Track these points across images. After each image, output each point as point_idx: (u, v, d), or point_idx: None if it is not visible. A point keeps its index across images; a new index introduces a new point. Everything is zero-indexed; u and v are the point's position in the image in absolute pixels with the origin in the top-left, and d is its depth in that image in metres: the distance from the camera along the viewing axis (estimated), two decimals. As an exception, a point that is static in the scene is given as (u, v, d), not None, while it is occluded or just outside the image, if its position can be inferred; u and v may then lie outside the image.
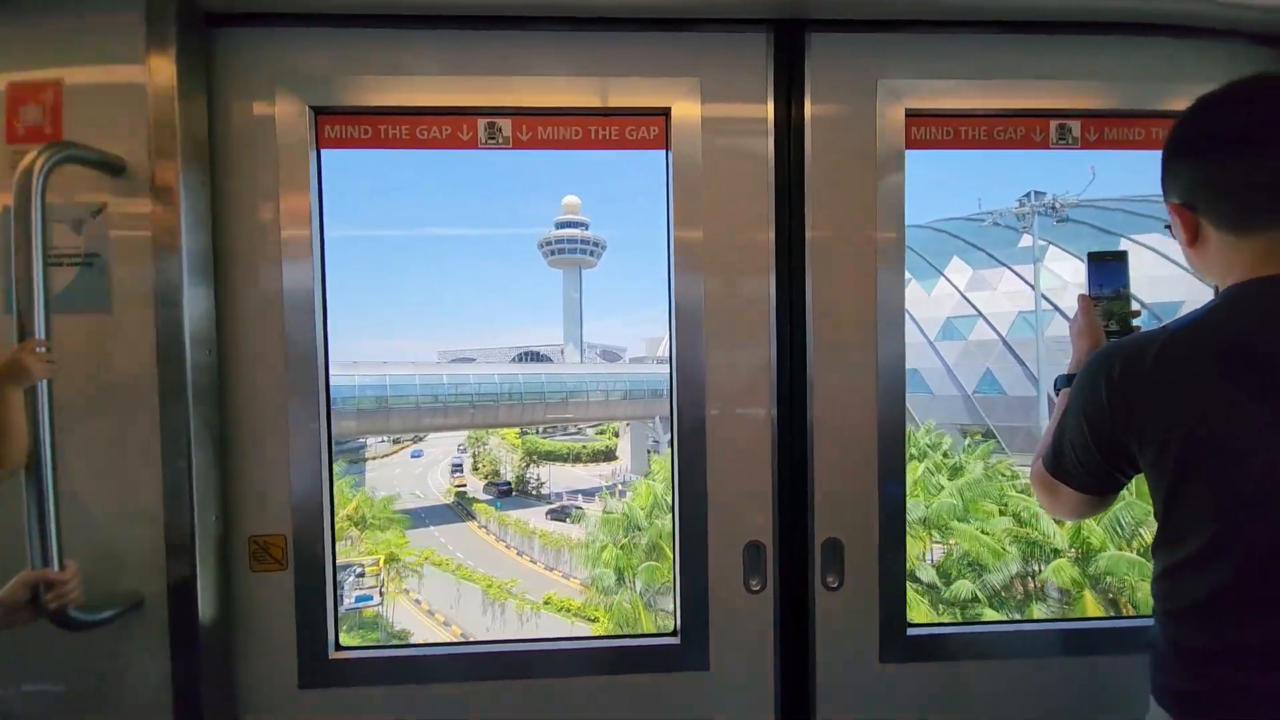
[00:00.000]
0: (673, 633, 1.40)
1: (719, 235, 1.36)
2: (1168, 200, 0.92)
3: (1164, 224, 0.97)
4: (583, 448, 28.74)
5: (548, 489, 25.30)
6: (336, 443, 1.43)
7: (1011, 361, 17.79)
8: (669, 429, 1.42)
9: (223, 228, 1.30)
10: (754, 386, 1.38)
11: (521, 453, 27.50)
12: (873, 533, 1.38)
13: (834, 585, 1.37)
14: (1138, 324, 1.10)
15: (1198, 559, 0.82)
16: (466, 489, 25.47)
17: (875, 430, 1.37)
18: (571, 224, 40.05)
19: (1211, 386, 0.78)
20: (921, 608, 10.41)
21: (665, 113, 1.36)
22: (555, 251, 40.18)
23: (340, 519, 1.43)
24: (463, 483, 26.11)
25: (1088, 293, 1.11)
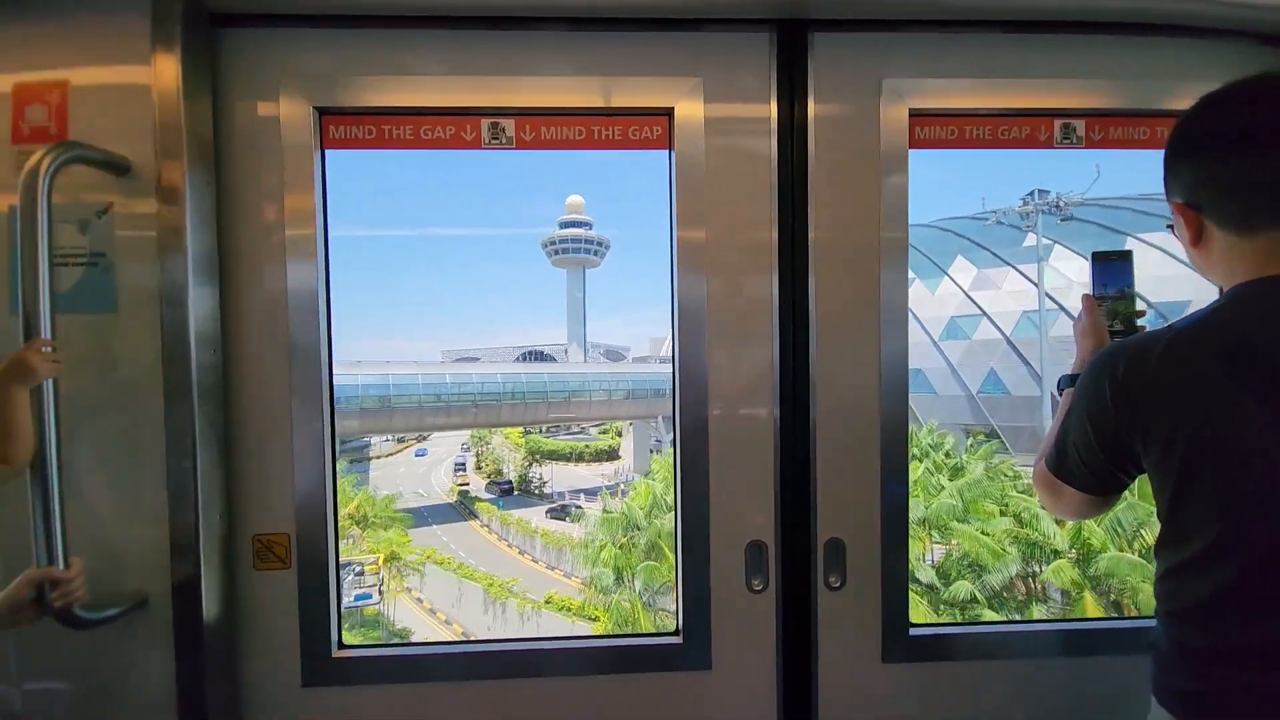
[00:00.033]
0: (675, 632, 1.41)
1: (722, 235, 1.36)
2: (1171, 200, 0.91)
3: (1167, 223, 0.97)
4: (585, 447, 28.76)
5: (550, 488, 25.33)
6: (341, 441, 1.43)
7: (1016, 361, 17.74)
8: (671, 429, 1.42)
9: (227, 228, 1.30)
10: (756, 386, 1.38)
11: (524, 452, 27.53)
12: (875, 532, 1.37)
13: (836, 585, 1.37)
14: (1142, 324, 1.10)
15: (1201, 559, 0.81)
16: (469, 488, 25.53)
17: (878, 430, 1.37)
18: (575, 224, 40.07)
19: (1215, 386, 0.78)
20: (920, 608, 10.39)
21: (668, 113, 1.36)
22: (559, 251, 40.19)
23: (342, 518, 1.43)
24: (465, 481, 26.17)
25: (1092, 292, 1.11)
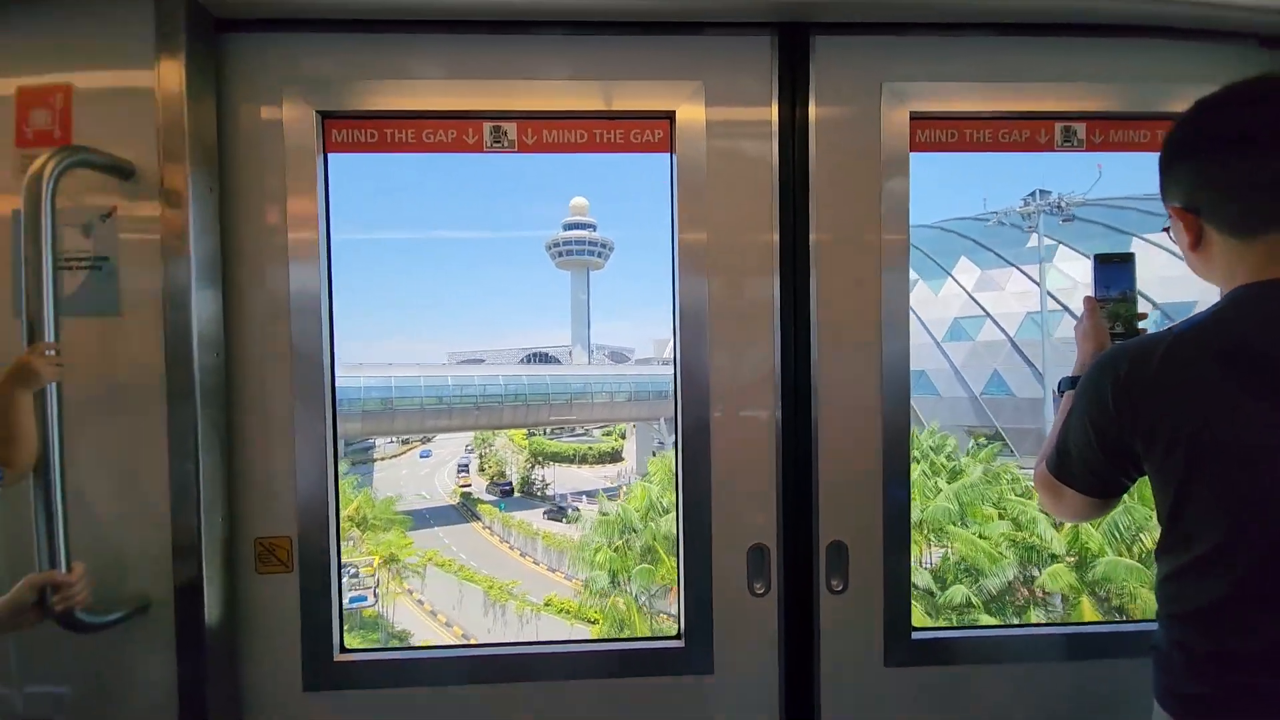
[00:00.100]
0: (677, 635, 1.40)
1: (723, 237, 1.36)
2: (1169, 204, 0.91)
3: (1163, 227, 0.97)
4: (589, 449, 28.78)
5: (552, 490, 25.33)
6: (345, 443, 1.44)
7: (1019, 362, 17.70)
8: (674, 430, 1.42)
9: (230, 231, 1.30)
10: (758, 388, 1.38)
11: (527, 454, 27.55)
12: (877, 535, 1.37)
13: (838, 588, 1.37)
14: (1143, 326, 1.10)
15: (1203, 562, 0.81)
16: (471, 489, 25.55)
17: (879, 432, 1.37)
18: (579, 225, 40.12)
19: (1217, 389, 0.78)
20: (916, 612, 10.30)
21: (670, 116, 1.36)
22: (563, 253, 40.26)
23: (341, 520, 1.43)
24: (467, 483, 26.22)
25: (1094, 294, 1.10)
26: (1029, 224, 17.95)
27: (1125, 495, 0.97)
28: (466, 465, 28.00)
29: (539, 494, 25.47)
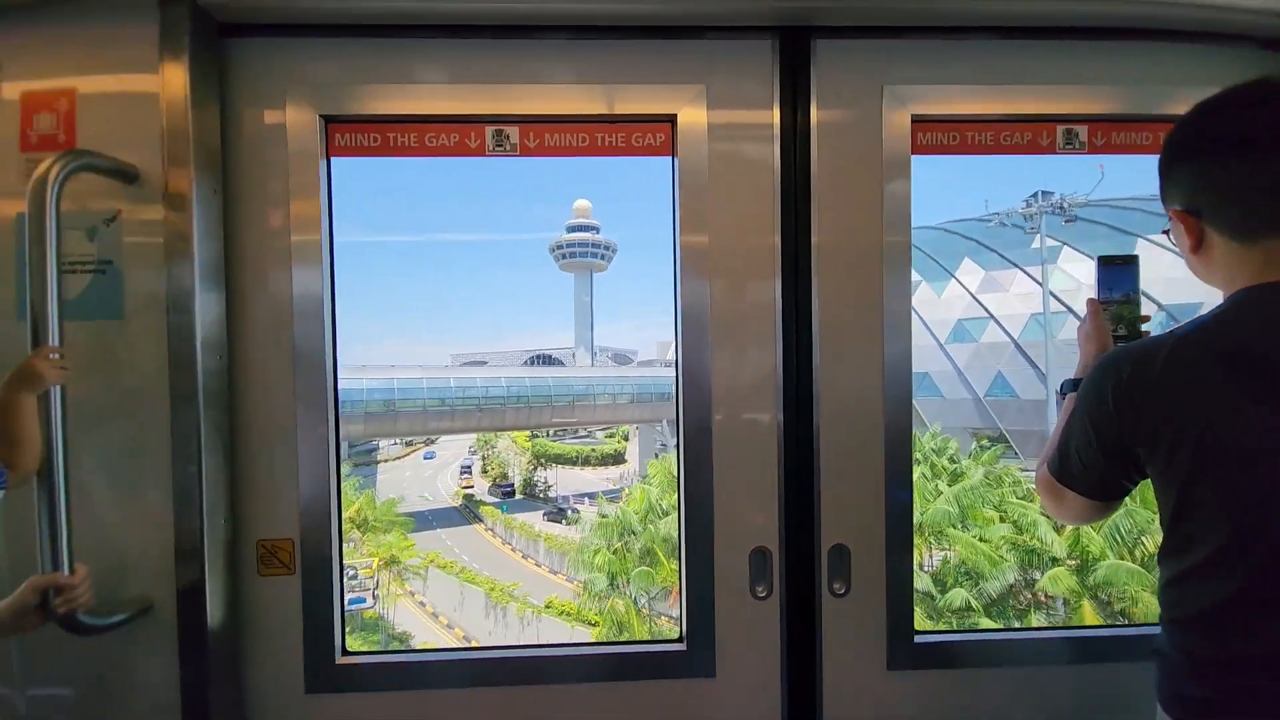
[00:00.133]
0: (678, 639, 1.40)
1: (725, 240, 1.37)
2: (1169, 207, 0.91)
3: (1163, 229, 0.97)
4: (592, 451, 28.76)
5: (555, 492, 25.32)
6: (349, 445, 1.44)
7: (1023, 364, 17.65)
8: (675, 433, 1.42)
9: (234, 234, 1.31)
10: (760, 391, 1.38)
11: (530, 456, 27.55)
12: (879, 538, 1.37)
13: (841, 592, 1.36)
14: (1146, 329, 1.09)
15: (1206, 566, 0.81)
16: (474, 491, 25.56)
17: (881, 435, 1.37)
18: (582, 228, 40.16)
19: (1218, 391, 0.78)
20: (916, 615, 10.24)
21: (671, 119, 1.36)
22: (566, 256, 40.29)
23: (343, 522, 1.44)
24: (470, 484, 26.24)
25: (1097, 296, 1.10)
26: (1031, 225, 17.91)
27: (1127, 498, 0.96)
28: (469, 467, 28.03)
29: (542, 496, 25.47)
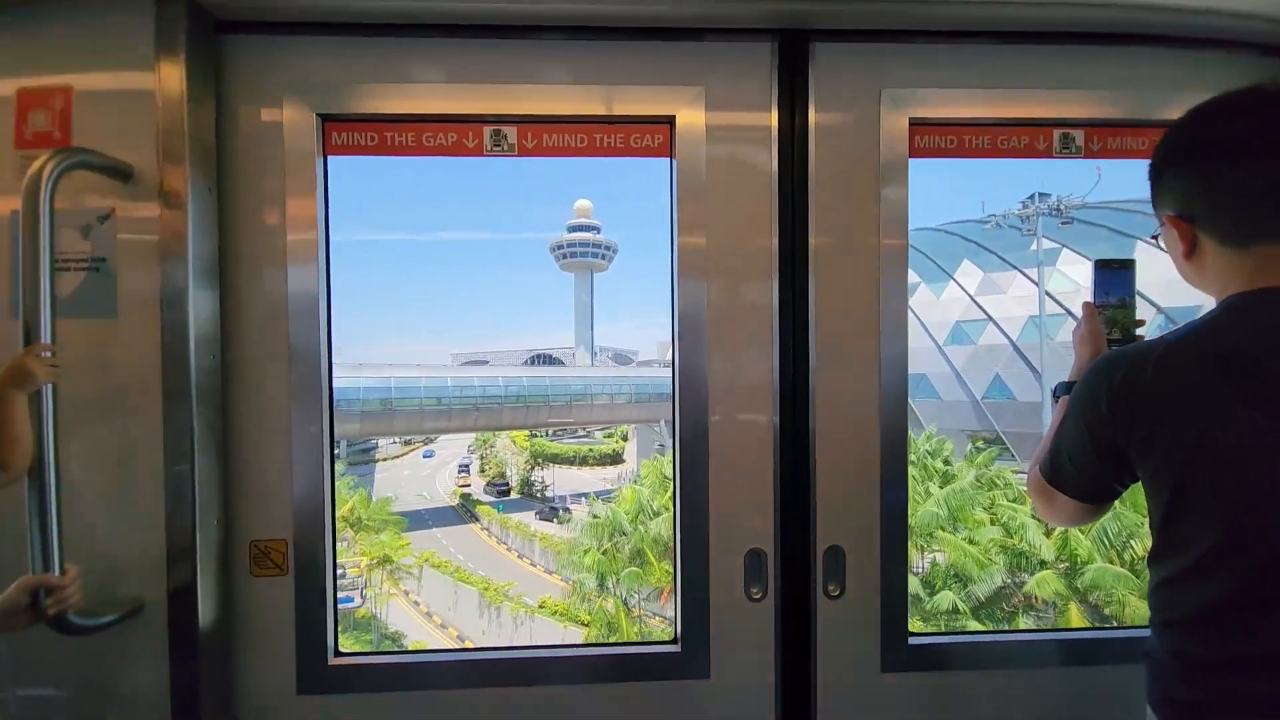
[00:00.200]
0: (673, 640, 1.40)
1: (723, 242, 1.37)
2: (1162, 212, 0.91)
3: (1152, 234, 0.97)
4: (590, 450, 28.73)
5: (552, 492, 25.30)
6: (347, 444, 1.43)
7: (1022, 366, 17.66)
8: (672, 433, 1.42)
9: (229, 232, 1.30)
10: (756, 393, 1.38)
11: (528, 455, 27.52)
12: (875, 541, 1.37)
13: (835, 594, 1.36)
14: (1140, 333, 1.10)
15: (1197, 568, 0.81)
16: (470, 490, 25.54)
17: (878, 437, 1.37)
18: (583, 228, 40.14)
19: (1211, 395, 0.78)
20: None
21: (670, 121, 1.36)
22: (567, 255, 40.27)
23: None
24: (467, 483, 26.22)
25: (1093, 300, 1.10)
26: (1027, 227, 17.93)
27: (1116, 501, 0.97)
28: (467, 466, 28.00)
29: (538, 495, 25.45)
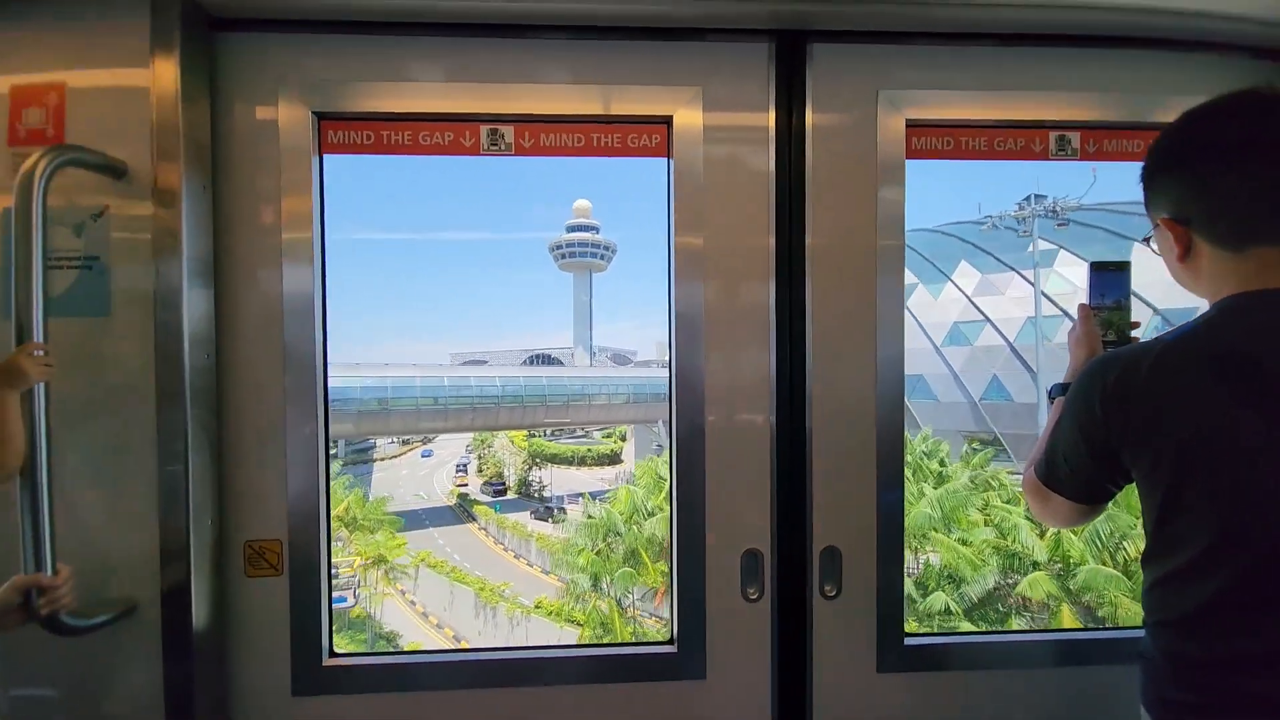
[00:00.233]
0: (670, 641, 1.40)
1: (720, 242, 1.37)
2: (1156, 215, 0.91)
3: (1144, 237, 0.97)
4: (588, 451, 28.68)
5: (550, 492, 25.27)
6: (345, 443, 1.43)
7: (1019, 368, 17.69)
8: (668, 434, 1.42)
9: (224, 231, 1.30)
10: (753, 393, 1.38)
11: (525, 455, 27.48)
12: (871, 541, 1.37)
13: (832, 594, 1.36)
14: (1136, 335, 1.10)
15: (1191, 568, 0.81)
16: (468, 489, 25.50)
17: (874, 437, 1.37)
18: (582, 228, 40.11)
19: (1206, 396, 0.79)
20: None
21: (667, 121, 1.36)
22: (566, 255, 40.22)
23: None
24: (464, 482, 26.18)
25: (1089, 302, 1.11)
26: (1024, 228, 17.96)
27: (1109, 503, 0.97)
28: (465, 465, 27.95)
29: (535, 495, 25.42)
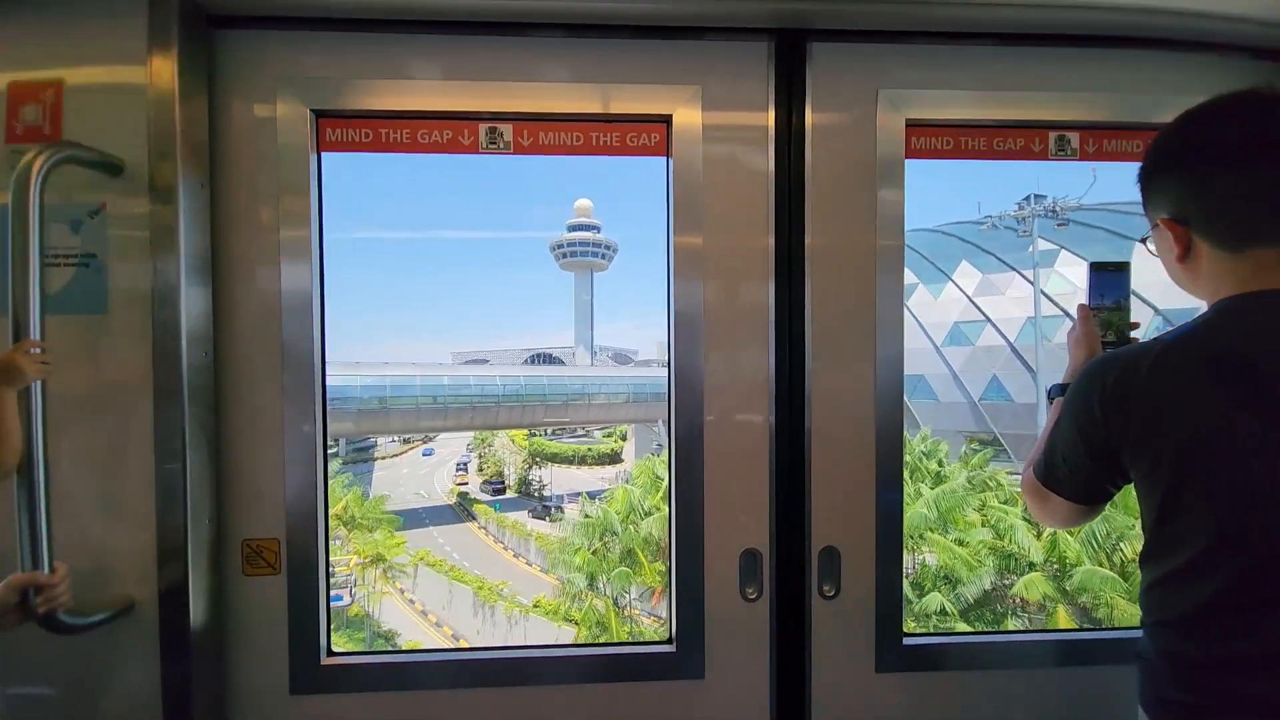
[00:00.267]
0: (668, 640, 1.40)
1: (719, 242, 1.36)
2: (1155, 215, 0.91)
3: (1141, 237, 0.97)
4: (589, 450, 28.68)
5: (549, 491, 25.27)
6: (345, 442, 1.42)
7: (1019, 368, 17.68)
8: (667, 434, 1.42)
9: (221, 229, 1.29)
10: (752, 393, 1.37)
11: (526, 454, 27.48)
12: (870, 541, 1.37)
13: (830, 594, 1.36)
14: (1135, 335, 1.10)
15: (1189, 569, 0.81)
16: (468, 488, 25.52)
17: (873, 438, 1.37)
18: (583, 227, 40.12)
19: (1204, 396, 0.78)
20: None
21: (667, 120, 1.36)
22: (567, 255, 40.24)
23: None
24: (464, 480, 26.19)
25: (1088, 302, 1.11)
26: (1023, 228, 17.95)
27: (1108, 503, 0.97)
28: (465, 464, 27.96)
29: (534, 494, 25.42)
